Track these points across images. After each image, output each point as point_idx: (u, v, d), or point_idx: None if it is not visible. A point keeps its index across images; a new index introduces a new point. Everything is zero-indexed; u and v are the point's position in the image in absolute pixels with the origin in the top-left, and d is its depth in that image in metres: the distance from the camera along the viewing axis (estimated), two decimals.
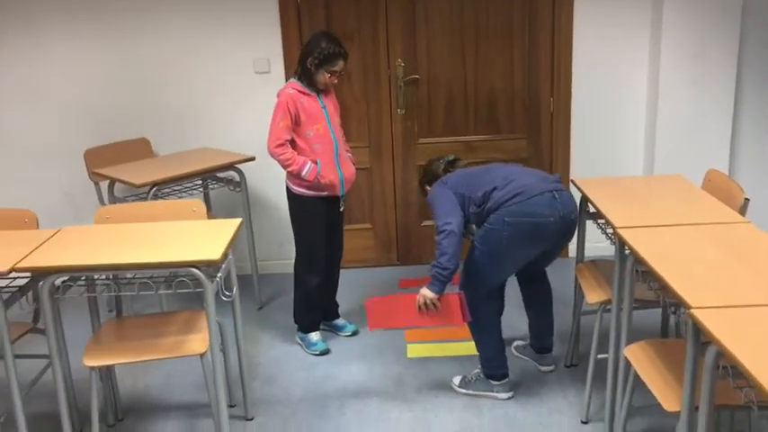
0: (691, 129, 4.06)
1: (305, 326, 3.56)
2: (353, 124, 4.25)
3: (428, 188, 3.09)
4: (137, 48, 4.10)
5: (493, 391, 3.06)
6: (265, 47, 4.11)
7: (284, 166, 3.27)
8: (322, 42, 3.20)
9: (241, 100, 4.17)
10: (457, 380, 3.16)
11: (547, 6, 4.10)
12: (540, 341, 3.27)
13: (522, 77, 4.22)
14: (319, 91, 3.30)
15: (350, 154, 3.51)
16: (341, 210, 3.51)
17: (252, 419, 3.01)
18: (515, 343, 3.42)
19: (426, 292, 2.84)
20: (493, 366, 3.06)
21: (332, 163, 3.33)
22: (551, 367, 3.25)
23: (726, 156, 4.10)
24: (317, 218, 3.40)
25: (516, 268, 3.02)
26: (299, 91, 3.25)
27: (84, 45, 4.09)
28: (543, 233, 2.80)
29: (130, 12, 4.04)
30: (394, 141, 4.33)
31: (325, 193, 3.36)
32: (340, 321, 3.70)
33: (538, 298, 3.24)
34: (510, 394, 3.06)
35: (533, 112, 4.28)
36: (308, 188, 3.33)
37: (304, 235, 3.45)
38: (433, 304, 2.84)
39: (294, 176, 3.30)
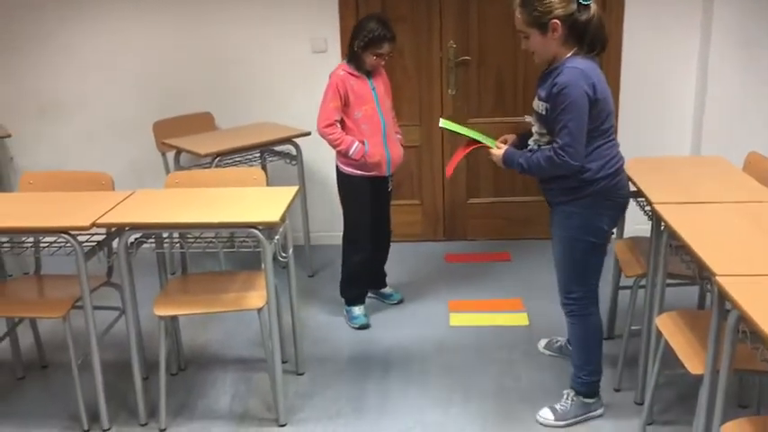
0: (737, 113, 4.10)
1: (349, 299, 3.69)
2: (405, 103, 4.42)
3: (557, 24, 2.42)
4: (201, 27, 4.34)
5: (591, 411, 2.83)
6: (323, 27, 4.30)
7: (333, 146, 3.39)
8: (368, 25, 3.27)
9: (299, 78, 4.38)
10: (548, 415, 2.82)
11: None
12: None
13: None
14: (369, 73, 3.39)
15: (399, 135, 3.59)
16: (389, 189, 3.62)
17: (302, 374, 3.23)
18: (544, 342, 3.34)
19: (497, 157, 2.70)
20: (595, 381, 2.82)
21: (379, 144, 3.42)
22: None
23: None
24: (364, 197, 3.50)
25: None
26: (350, 73, 3.35)
27: (152, 23, 4.35)
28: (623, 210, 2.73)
29: None
30: None
31: (373, 173, 3.46)
32: (387, 290, 3.87)
33: None
34: (603, 409, 2.85)
35: None
36: (356, 167, 3.43)
37: (350, 213, 3.57)
38: (488, 155, 2.74)
39: (342, 156, 3.42)
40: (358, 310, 3.66)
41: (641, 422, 2.75)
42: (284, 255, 2.88)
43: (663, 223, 2.56)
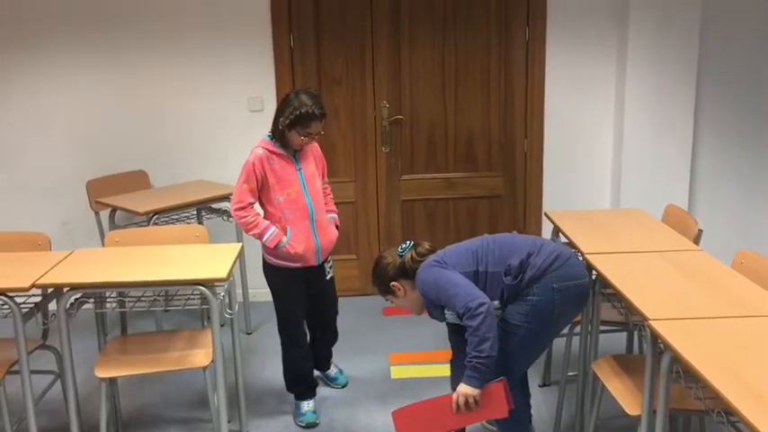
0: (653, 168, 4.40)
1: (295, 393, 3.34)
2: (341, 160, 4.53)
3: (397, 285, 2.66)
4: (136, 84, 4.35)
5: None
6: (259, 86, 4.39)
7: (245, 230, 3.03)
8: (295, 101, 2.92)
9: (235, 136, 4.42)
10: None
11: (521, 54, 4.45)
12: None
13: (498, 119, 4.55)
14: (296, 151, 3.05)
15: (335, 215, 3.26)
16: (327, 278, 3.24)
17: None
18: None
19: (467, 390, 2.38)
20: None
21: (305, 231, 3.06)
22: None
23: (685, 192, 4.44)
24: (294, 290, 3.14)
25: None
26: (271, 151, 2.99)
27: (85, 81, 4.33)
28: (586, 295, 2.61)
29: (131, 50, 4.30)
30: (378, 177, 4.61)
31: (297, 264, 3.10)
32: (332, 372, 3.59)
33: None
34: None
35: (509, 151, 4.60)
36: (280, 258, 3.07)
37: (281, 307, 3.21)
38: (475, 401, 2.38)
39: (264, 245, 3.08)
40: (306, 406, 3.28)
41: None
42: (230, 311, 2.88)
43: (594, 272, 2.72)
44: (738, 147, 4.53)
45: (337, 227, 3.27)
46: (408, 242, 2.70)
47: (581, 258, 2.87)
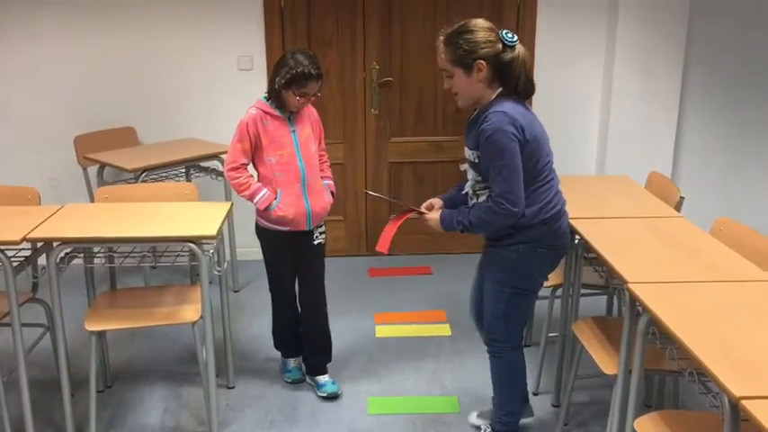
0: (638, 136, 4.45)
1: (280, 349, 3.38)
2: (330, 121, 4.53)
3: (483, 64, 2.36)
4: (125, 41, 4.32)
5: None
6: (249, 45, 4.37)
7: (237, 191, 3.00)
8: (291, 61, 2.86)
9: (225, 95, 4.42)
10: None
11: (512, 17, 4.45)
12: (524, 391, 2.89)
13: None
14: (291, 113, 3.00)
15: (330, 181, 3.19)
16: (315, 243, 3.12)
17: (233, 388, 3.26)
18: (475, 414, 3.00)
19: (434, 221, 2.58)
20: (511, 422, 2.78)
21: (296, 194, 3.00)
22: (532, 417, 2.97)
23: (669, 161, 4.51)
24: (280, 253, 3.11)
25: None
26: (265, 112, 2.95)
27: (74, 37, 4.30)
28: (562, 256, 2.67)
29: (120, 7, 4.26)
30: (367, 139, 4.63)
31: (287, 228, 3.05)
32: (321, 379, 3.26)
33: None
34: None
35: None
36: (270, 221, 3.03)
37: (269, 268, 3.19)
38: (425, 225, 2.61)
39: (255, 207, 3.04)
40: (293, 363, 3.33)
41: (559, 423, 2.95)
42: (218, 269, 2.92)
43: (577, 236, 2.78)
44: (725, 117, 4.58)
45: (333, 194, 3.20)
46: (515, 37, 2.42)
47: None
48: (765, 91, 4.53)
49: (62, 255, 2.72)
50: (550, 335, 3.19)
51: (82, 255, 2.92)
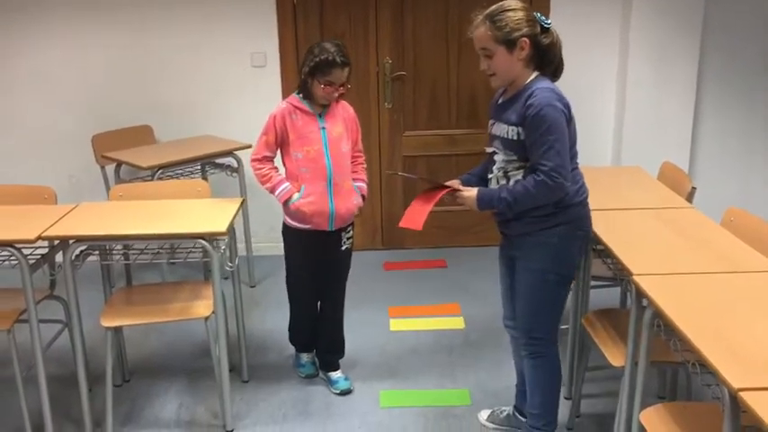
0: (654, 125, 4.41)
1: (295, 344, 3.38)
2: None
3: (527, 42, 2.38)
4: (141, 40, 4.38)
5: None
6: (263, 42, 4.40)
7: (260, 182, 2.99)
8: (316, 49, 2.83)
9: (239, 92, 4.46)
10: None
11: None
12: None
13: None
14: (323, 107, 2.96)
15: (362, 183, 3.08)
16: (342, 248, 3.07)
17: (247, 382, 3.30)
18: (485, 414, 2.94)
19: (470, 199, 2.47)
20: (552, 422, 2.65)
21: (320, 192, 2.93)
22: None
23: (687, 148, 4.46)
24: (301, 252, 3.09)
25: None
26: (296, 106, 2.91)
27: (88, 38, 4.37)
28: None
29: (134, 8, 4.32)
30: (381, 133, 4.64)
31: (309, 227, 3.00)
32: (334, 375, 3.26)
33: None
34: None
35: None
36: (293, 218, 3.01)
37: (288, 265, 3.18)
38: (453, 199, 2.53)
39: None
40: (306, 358, 3.35)
41: (570, 415, 2.95)
42: (230, 264, 2.96)
43: None
44: (743, 105, 4.52)
45: (364, 197, 3.09)
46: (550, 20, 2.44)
47: None
48: None
49: (77, 252, 2.78)
50: (562, 327, 3.18)
51: (97, 252, 2.98)
